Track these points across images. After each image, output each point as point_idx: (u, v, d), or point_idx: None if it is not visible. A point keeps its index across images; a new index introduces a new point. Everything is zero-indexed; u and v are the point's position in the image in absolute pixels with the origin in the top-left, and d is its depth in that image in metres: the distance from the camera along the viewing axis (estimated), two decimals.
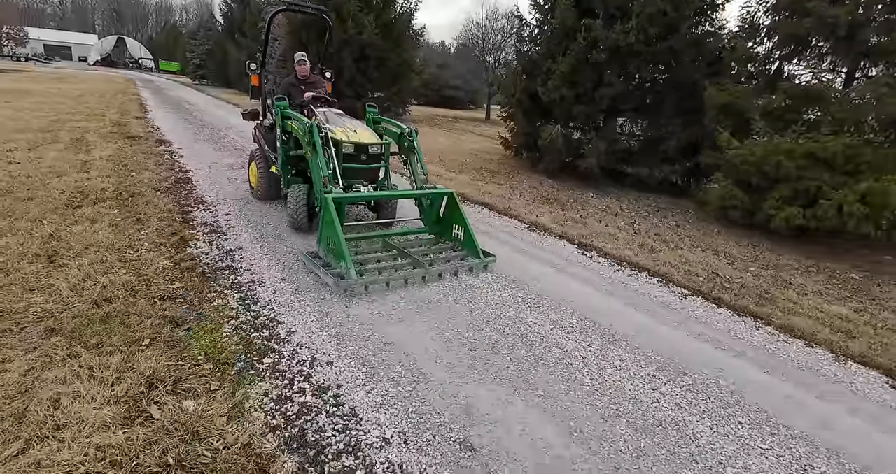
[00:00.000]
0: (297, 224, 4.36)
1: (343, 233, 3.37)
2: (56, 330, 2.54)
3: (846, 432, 2.40)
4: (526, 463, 1.92)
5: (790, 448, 2.20)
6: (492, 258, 3.97)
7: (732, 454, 2.11)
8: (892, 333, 3.76)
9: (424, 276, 3.59)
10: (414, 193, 4.36)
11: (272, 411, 2.08)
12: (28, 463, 1.72)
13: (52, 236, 3.74)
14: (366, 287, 3.29)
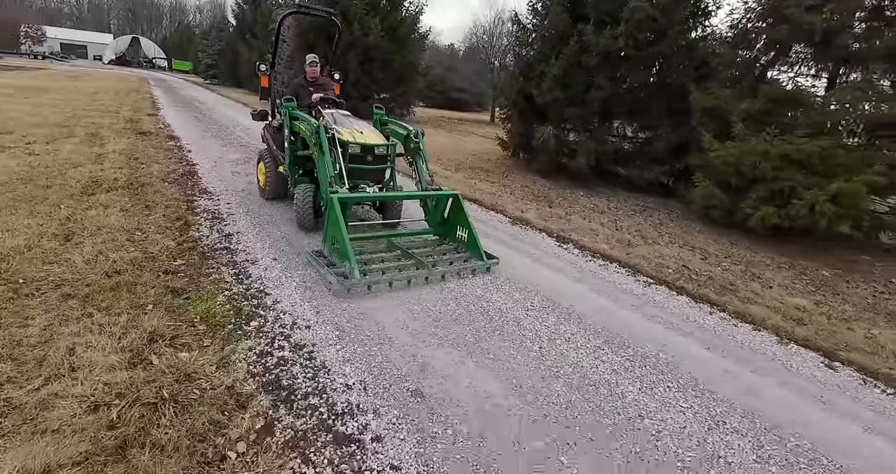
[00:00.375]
0: (303, 223, 4.43)
1: (348, 233, 3.44)
2: (72, 295, 2.92)
3: (768, 399, 2.70)
4: (467, 409, 2.25)
5: (709, 408, 2.51)
6: (495, 260, 4.03)
7: (653, 409, 2.42)
8: (843, 323, 4.04)
9: (427, 277, 3.64)
10: (419, 194, 4.41)
11: (254, 362, 2.44)
12: (47, 394, 2.09)
13: (69, 219, 4.14)
14: (369, 286, 3.35)
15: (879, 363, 3.34)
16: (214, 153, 7.83)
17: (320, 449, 1.93)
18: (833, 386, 2.95)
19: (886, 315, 4.39)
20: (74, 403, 2.05)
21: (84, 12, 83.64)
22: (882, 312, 4.44)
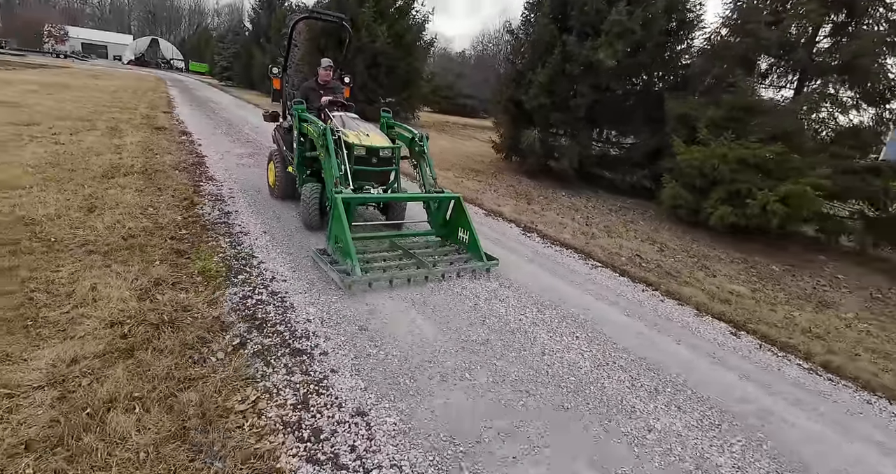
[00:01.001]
0: (308, 221, 4.61)
1: (351, 233, 3.59)
2: (93, 251, 3.60)
3: (663, 351, 3.26)
4: (401, 341, 2.87)
5: (605, 353, 3.09)
6: (494, 262, 4.16)
7: (556, 350, 3.01)
8: (768, 305, 4.58)
9: (427, 276, 3.79)
10: (422, 196, 4.58)
11: (237, 302, 3.08)
12: (75, 315, 2.75)
13: (91, 196, 4.85)
14: (370, 284, 3.49)
15: (783, 335, 3.88)
16: (223, 147, 8.57)
17: (279, 357, 2.56)
18: (729, 348, 3.51)
19: (817, 303, 4.92)
20: (95, 321, 2.70)
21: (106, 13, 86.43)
22: (814, 301, 4.97)
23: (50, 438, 1.87)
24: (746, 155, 6.22)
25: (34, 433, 1.89)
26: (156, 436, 1.93)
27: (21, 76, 19.03)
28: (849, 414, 2.84)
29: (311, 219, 4.59)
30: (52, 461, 1.78)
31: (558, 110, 8.85)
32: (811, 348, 3.67)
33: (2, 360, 2.27)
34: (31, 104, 10.76)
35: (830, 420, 2.74)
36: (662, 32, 8.28)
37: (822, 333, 4.04)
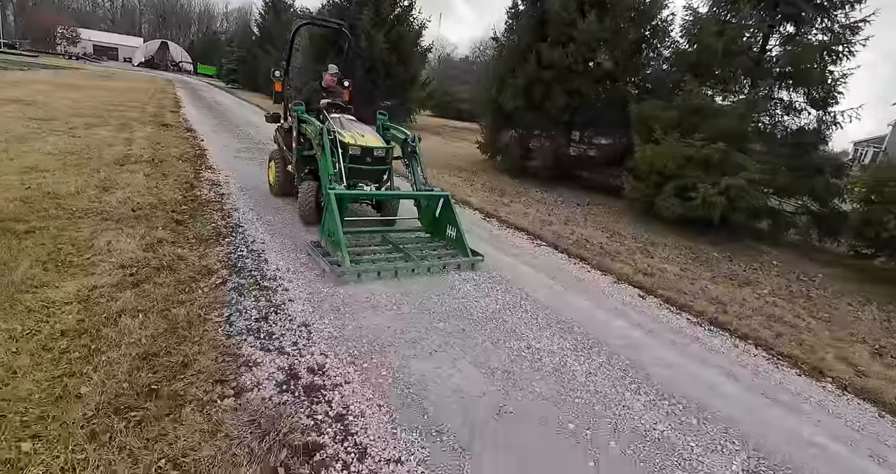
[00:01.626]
0: (305, 216, 4.92)
1: (344, 227, 3.84)
2: (108, 219, 4.40)
3: (567, 304, 4.00)
4: (349, 285, 3.63)
5: (517, 300, 3.84)
6: (479, 257, 4.43)
7: (475, 296, 3.77)
8: (688, 280, 5.29)
9: (414, 269, 4.05)
10: (411, 194, 4.89)
11: (222, 256, 3.87)
12: (94, 260, 3.54)
13: (105, 179, 5.67)
14: (358, 274, 3.75)
15: (687, 299, 4.60)
16: (223, 142, 9.43)
17: (250, 291, 3.34)
18: (632, 305, 4.25)
19: (740, 281, 5.62)
20: (110, 265, 3.49)
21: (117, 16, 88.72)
22: (737, 280, 5.67)
23: (77, 330, 2.65)
24: (692, 153, 6.96)
25: (66, 327, 2.66)
26: (154, 331, 2.71)
27: (36, 77, 20.16)
28: (711, 352, 3.56)
29: (307, 215, 4.89)
30: (79, 341, 2.56)
31: (534, 113, 9.64)
32: (706, 309, 4.40)
33: (41, 286, 3.06)
34: (47, 102, 11.72)
35: (692, 354, 3.46)
36: (633, 41, 9.07)
37: (727, 301, 4.76)
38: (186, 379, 2.35)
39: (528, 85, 9.45)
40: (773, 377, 3.32)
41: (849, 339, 4.30)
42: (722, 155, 6.85)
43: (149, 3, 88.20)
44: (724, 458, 2.35)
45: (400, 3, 18.07)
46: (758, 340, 3.90)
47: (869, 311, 5.20)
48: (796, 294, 5.46)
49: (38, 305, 2.82)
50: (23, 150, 6.43)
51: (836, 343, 4.14)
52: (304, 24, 6.78)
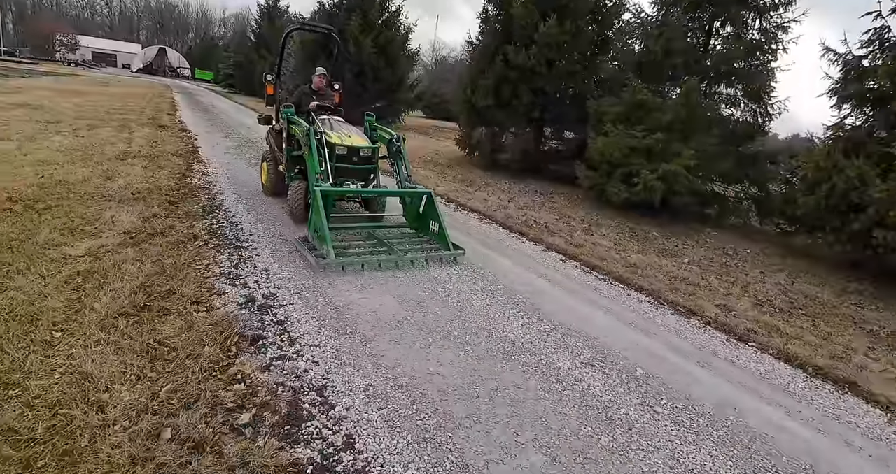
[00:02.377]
0: (294, 213, 5.17)
1: (330, 223, 4.11)
2: (111, 200, 5.29)
3: (494, 262, 4.85)
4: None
5: (450, 263, 4.69)
6: (461, 251, 4.71)
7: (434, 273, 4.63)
8: (614, 250, 6.14)
9: (397, 262, 4.32)
10: (395, 191, 5.17)
11: (206, 226, 4.75)
12: (101, 229, 4.42)
13: (108, 170, 6.57)
14: (343, 267, 4.03)
15: (603, 263, 5.45)
16: (215, 141, 10.35)
17: (226, 248, 4.22)
18: (551, 266, 5.11)
19: (665, 254, 6.47)
20: (114, 231, 4.37)
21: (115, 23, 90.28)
22: (664, 253, 6.51)
23: (89, 271, 3.52)
24: (635, 143, 7.82)
25: (81, 269, 3.53)
26: (148, 273, 3.57)
27: (38, 83, 21.20)
28: (602, 297, 4.41)
29: (296, 212, 5.15)
30: (91, 278, 3.42)
31: (504, 110, 10.53)
32: (616, 269, 5.26)
33: (60, 245, 3.93)
34: (52, 107, 12.68)
35: (585, 298, 4.32)
36: (592, 43, 9.96)
37: (641, 266, 5.61)
38: (171, 300, 3.22)
39: (497, 84, 10.34)
40: (648, 315, 4.17)
41: (739, 295, 5.14)
42: (663, 144, 7.72)
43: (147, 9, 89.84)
44: (569, 355, 3.20)
45: (388, 9, 19.06)
46: (652, 292, 4.75)
47: (776, 278, 6.04)
48: (714, 264, 6.30)
49: (59, 257, 3.69)
50: (34, 148, 7.34)
51: (725, 297, 4.99)
52: (294, 29, 6.99)
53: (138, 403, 2.20)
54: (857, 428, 2.88)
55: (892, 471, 2.54)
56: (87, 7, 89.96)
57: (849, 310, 5.17)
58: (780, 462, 2.44)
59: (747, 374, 3.36)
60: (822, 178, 6.24)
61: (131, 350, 2.60)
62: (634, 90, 7.98)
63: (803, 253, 7.25)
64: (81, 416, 2.08)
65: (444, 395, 2.57)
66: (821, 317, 4.81)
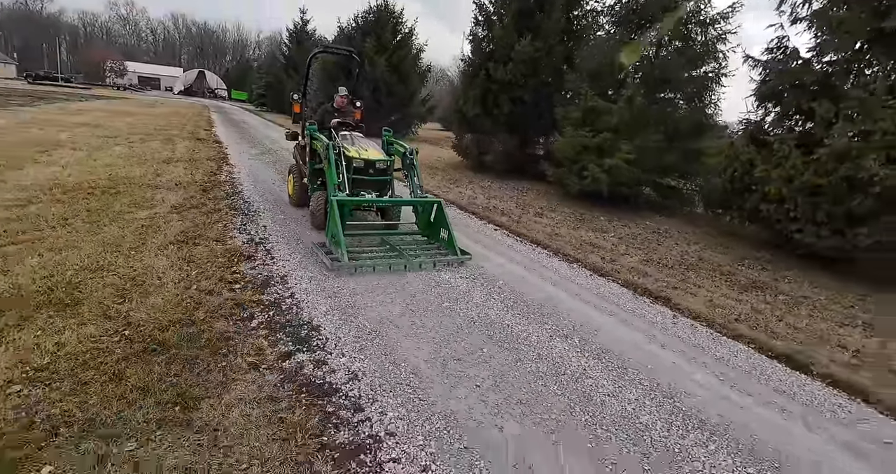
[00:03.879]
0: (315, 221, 5.74)
1: (346, 230, 4.58)
2: (160, 188, 7.27)
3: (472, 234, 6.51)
4: (305, 222, 6.32)
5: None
6: (467, 256, 5.17)
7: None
8: (566, 231, 7.68)
9: (406, 266, 4.70)
10: (406, 201, 5.67)
11: (228, 204, 6.64)
12: (155, 203, 6.37)
13: (157, 170, 8.64)
14: (355, 269, 4.45)
15: (534, 234, 7.02)
16: (242, 149, 12.49)
17: (240, 216, 6.08)
18: (486, 235, 6.73)
19: (597, 230, 7.96)
20: (165, 204, 6.30)
21: (159, 49, 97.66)
22: (597, 230, 8.01)
23: (148, 226, 5.40)
24: (586, 142, 9.38)
25: (143, 224, 5.41)
26: (186, 227, 5.43)
27: (93, 106, 24.37)
28: (513, 251, 6.01)
29: (317, 221, 5.70)
30: (149, 229, 5.31)
31: (488, 118, 12.26)
32: (538, 237, 6.84)
33: (128, 212, 5.86)
34: (109, 125, 15.24)
35: (497, 251, 5.93)
36: (563, 58, 11.60)
37: (562, 236, 7.16)
38: (200, 240, 5.06)
39: (482, 95, 12.11)
40: (541, 261, 5.76)
41: (634, 255, 6.63)
42: (610, 142, 9.25)
43: (188, 35, 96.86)
44: (479, 284, 4.84)
45: (401, 31, 21.27)
46: (556, 250, 6.33)
47: (686, 248, 7.44)
48: (637, 238, 7.76)
49: (129, 218, 5.61)
50: (100, 155, 9.54)
51: (619, 256, 6.49)
52: (318, 52, 7.56)
53: (179, 277, 4.01)
54: (652, 321, 4.40)
55: (663, 337, 4.04)
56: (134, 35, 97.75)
57: (732, 269, 6.55)
58: (596, 337, 4.01)
59: (588, 291, 4.91)
60: (728, 165, 7.64)
61: (175, 258, 4.43)
62: (587, 97, 9.57)
63: (731, 233, 8.59)
64: (150, 281, 3.89)
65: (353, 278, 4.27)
66: (696, 270, 6.24)
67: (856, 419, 3.10)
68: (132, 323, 3.17)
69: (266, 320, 3.44)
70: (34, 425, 2.17)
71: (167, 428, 2.24)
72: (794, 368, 3.72)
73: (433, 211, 5.62)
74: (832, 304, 5.46)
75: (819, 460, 2.63)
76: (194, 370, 2.74)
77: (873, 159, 5.63)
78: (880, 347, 4.31)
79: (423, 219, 5.85)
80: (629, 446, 2.54)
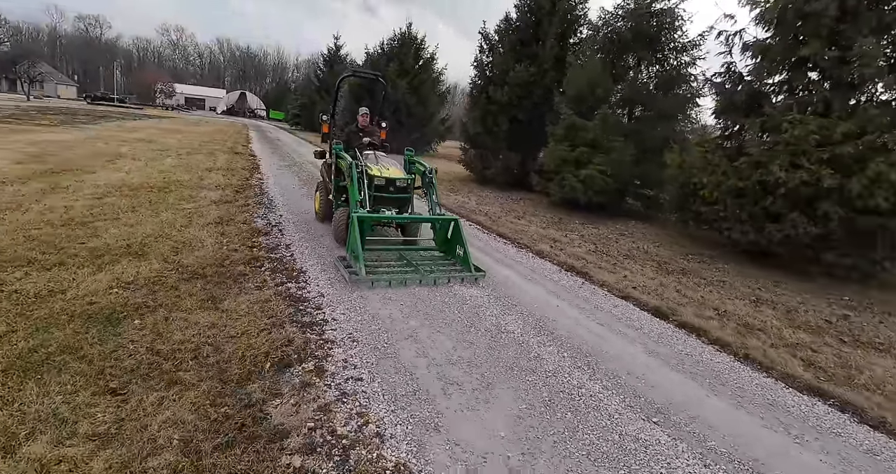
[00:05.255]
0: (337, 236, 6.01)
1: (366, 245, 4.85)
2: (204, 189, 9.13)
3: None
4: (309, 205, 8.01)
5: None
6: (482, 273, 5.30)
7: None
8: (520, 226, 9.12)
9: (420, 280, 4.84)
10: (423, 218, 5.89)
11: (255, 200, 8.40)
12: (198, 198, 8.19)
13: (201, 176, 10.55)
14: (371, 283, 4.62)
15: (499, 229, 8.47)
16: (272, 162, 14.47)
17: (263, 208, 7.80)
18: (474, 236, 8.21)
19: (568, 231, 9.34)
20: (206, 201, 8.09)
21: (205, 71, 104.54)
22: (564, 229, 9.38)
23: (193, 213, 7.16)
24: (566, 155, 10.82)
25: (190, 212, 7.19)
26: (222, 214, 7.16)
27: (146, 124, 27.34)
28: (480, 241, 7.49)
29: (339, 235, 5.98)
30: (195, 214, 7.07)
31: (489, 136, 13.86)
32: (504, 231, 8.29)
33: (179, 203, 7.66)
34: (160, 140, 17.63)
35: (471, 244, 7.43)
36: (554, 81, 13.15)
37: (527, 232, 8.58)
38: (232, 222, 6.77)
39: (483, 115, 13.74)
40: (501, 248, 7.21)
41: (582, 245, 7.98)
42: (587, 155, 10.66)
43: (232, 58, 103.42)
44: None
45: (423, 56, 23.33)
46: (515, 240, 7.78)
47: (639, 244, 8.73)
48: (598, 237, 9.10)
49: (179, 208, 7.39)
50: (155, 164, 11.60)
51: (570, 247, 7.86)
52: (347, 76, 7.99)
53: (215, 242, 5.69)
54: (562, 285, 5.80)
55: (562, 293, 5.41)
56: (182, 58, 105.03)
57: (670, 261, 7.80)
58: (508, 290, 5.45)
59: (523, 266, 6.33)
60: (679, 174, 8.93)
61: (213, 232, 6.13)
62: (567, 117, 11.04)
63: (692, 236, 9.79)
64: (195, 243, 5.58)
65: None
66: (634, 260, 7.54)
67: (679, 343, 4.42)
68: (183, 264, 4.83)
69: (271, 267, 5.05)
70: (126, 305, 3.80)
71: (203, 309, 3.84)
72: (655, 315, 5.05)
73: (450, 228, 5.82)
74: (743, 287, 6.68)
75: (623, 355, 3.99)
76: (221, 287, 4.35)
77: (778, 165, 6.89)
78: (738, 309, 5.57)
79: (440, 236, 6.07)
80: (488, 338, 3.98)
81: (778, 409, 3.40)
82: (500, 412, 2.90)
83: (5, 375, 2.69)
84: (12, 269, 4.21)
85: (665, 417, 3.08)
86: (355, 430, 2.56)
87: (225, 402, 2.66)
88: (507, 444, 2.61)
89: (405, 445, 2.49)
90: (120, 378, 2.79)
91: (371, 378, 3.10)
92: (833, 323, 5.46)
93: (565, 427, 2.83)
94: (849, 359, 4.41)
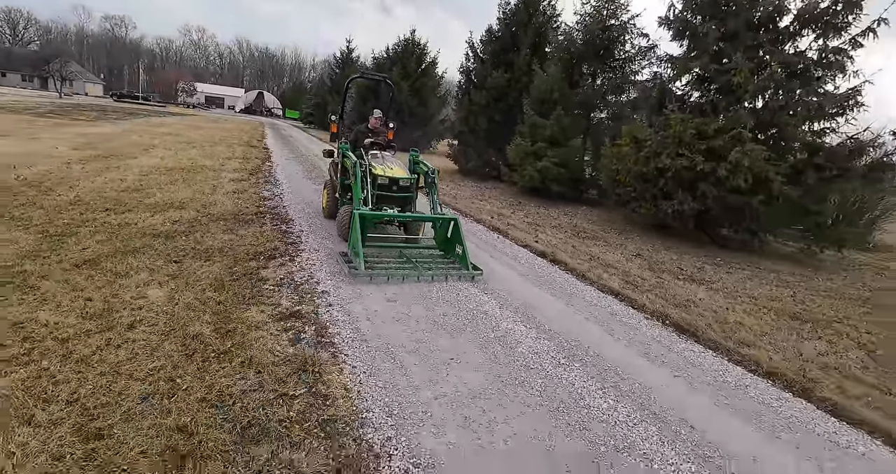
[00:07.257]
0: (341, 232, 6.32)
1: (367, 242, 5.18)
2: (223, 171, 11.52)
3: None
4: (307, 189, 10.31)
5: None
6: (479, 272, 5.51)
7: None
8: (483, 207, 11.30)
9: (418, 277, 5.12)
10: (423, 216, 6.08)
11: (263, 181, 10.75)
12: (217, 185, 10.57)
13: (221, 163, 12.95)
14: (371, 277, 4.94)
15: (457, 205, 10.67)
16: (283, 153, 16.90)
17: (271, 185, 10.14)
18: None
19: (518, 211, 11.49)
20: (226, 179, 10.47)
21: (225, 71, 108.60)
22: (520, 211, 11.54)
23: (214, 187, 9.52)
24: (527, 149, 12.96)
25: (214, 189, 9.54)
26: (236, 188, 9.50)
27: (170, 121, 30.15)
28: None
29: (342, 231, 6.24)
30: (215, 190, 9.42)
31: (471, 134, 16.07)
32: (461, 207, 10.48)
33: (203, 181, 10.03)
34: (185, 135, 20.23)
35: None
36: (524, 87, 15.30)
37: (482, 210, 10.75)
38: (244, 193, 9.09)
39: (466, 116, 15.97)
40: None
41: (519, 219, 10.13)
42: (544, 150, 12.80)
43: (251, 59, 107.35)
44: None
45: (425, 61, 25.64)
46: (466, 214, 9.95)
47: (584, 224, 10.83)
48: (542, 215, 11.23)
49: (206, 183, 9.74)
50: (182, 153, 14.05)
51: (507, 218, 10.00)
52: (355, 78, 8.41)
53: (233, 202, 8.02)
54: (483, 239, 7.97)
55: (479, 244, 7.58)
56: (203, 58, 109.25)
57: (588, 230, 9.89)
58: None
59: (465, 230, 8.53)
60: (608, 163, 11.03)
61: (231, 198, 8.46)
62: (530, 117, 13.20)
63: (628, 219, 11.85)
64: (218, 203, 7.90)
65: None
66: (557, 228, 9.65)
67: (543, 269, 6.56)
68: (211, 213, 7.14)
69: (272, 217, 7.34)
70: (176, 231, 6.10)
71: (224, 233, 6.13)
72: (539, 256, 7.21)
73: (450, 227, 5.99)
74: (633, 248, 8.77)
75: (506, 278, 6.15)
76: (237, 226, 6.63)
77: (667, 154, 8.97)
78: (611, 258, 7.68)
79: (440, 235, 6.26)
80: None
81: (595, 307, 5.47)
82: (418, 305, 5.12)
83: (115, 255, 4.98)
84: (99, 213, 6.56)
85: (523, 313, 5.20)
86: (306, 279, 4.82)
87: (236, 268, 4.93)
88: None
89: (330, 281, 4.76)
90: (178, 256, 5.08)
91: (321, 264, 5.35)
92: (683, 270, 7.54)
93: (470, 326, 5.04)
94: (664, 284, 6.52)
